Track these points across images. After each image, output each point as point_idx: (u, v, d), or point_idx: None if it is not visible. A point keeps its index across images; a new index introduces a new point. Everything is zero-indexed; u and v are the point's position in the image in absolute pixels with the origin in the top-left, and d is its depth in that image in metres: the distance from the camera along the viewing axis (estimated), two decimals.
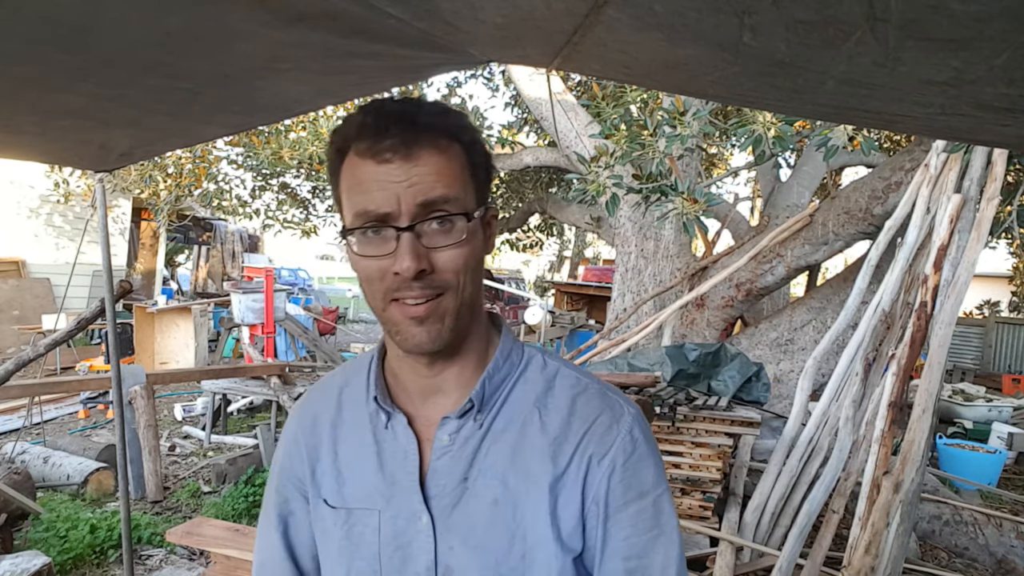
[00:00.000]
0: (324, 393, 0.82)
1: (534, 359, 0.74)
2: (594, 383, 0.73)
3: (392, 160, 0.62)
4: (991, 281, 14.52)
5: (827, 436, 3.07)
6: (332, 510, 0.74)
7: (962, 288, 2.52)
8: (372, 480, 0.73)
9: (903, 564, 2.56)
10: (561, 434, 0.69)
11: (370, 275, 0.65)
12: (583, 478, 0.67)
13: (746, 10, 0.59)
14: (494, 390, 0.71)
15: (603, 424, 0.69)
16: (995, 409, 6.78)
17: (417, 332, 0.65)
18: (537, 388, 0.72)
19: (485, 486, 0.68)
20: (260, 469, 4.36)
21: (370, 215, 0.63)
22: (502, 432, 0.69)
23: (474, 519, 0.68)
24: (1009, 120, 0.74)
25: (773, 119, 2.78)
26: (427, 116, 0.64)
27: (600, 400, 0.71)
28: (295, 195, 8.41)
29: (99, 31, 0.88)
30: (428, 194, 0.62)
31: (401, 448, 0.71)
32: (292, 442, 0.80)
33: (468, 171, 0.66)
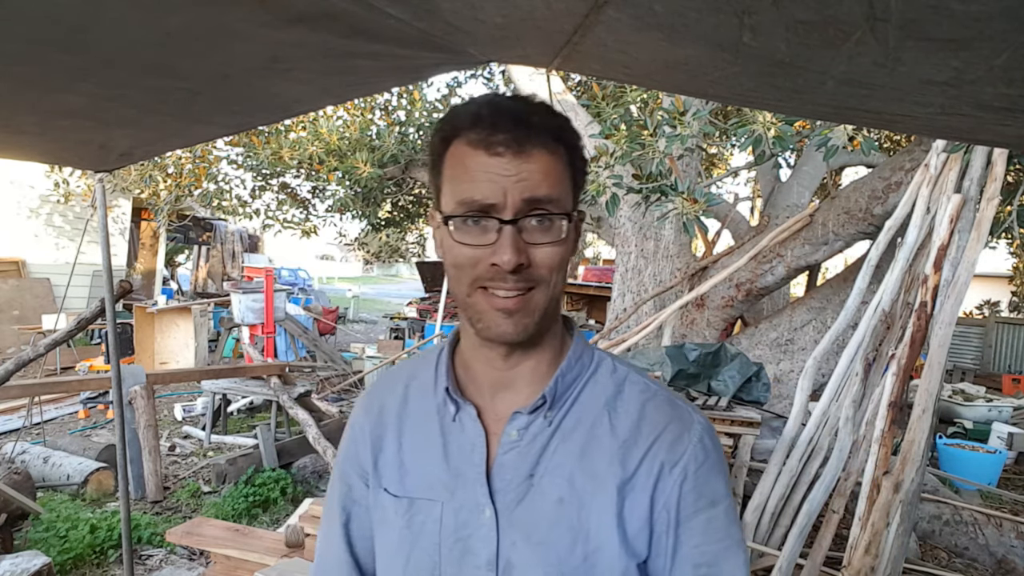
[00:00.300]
0: (391, 383, 0.83)
1: (604, 362, 0.74)
2: (662, 391, 0.74)
3: (504, 154, 0.63)
4: (991, 281, 14.52)
5: (827, 436, 3.07)
6: (394, 499, 0.75)
7: (962, 288, 2.52)
8: (436, 471, 0.73)
9: (903, 564, 2.56)
10: (631, 438, 0.69)
11: (462, 262, 0.65)
12: (653, 484, 0.67)
13: (746, 10, 0.59)
14: (565, 388, 0.71)
15: (674, 431, 0.69)
16: (995, 409, 6.78)
17: (504, 323, 0.66)
18: (607, 391, 0.72)
19: (551, 484, 0.68)
20: (260, 469, 4.36)
21: (475, 204, 0.63)
22: (571, 431, 0.70)
23: (538, 516, 0.68)
24: (1009, 120, 0.74)
25: (773, 119, 2.78)
26: (540, 117, 0.65)
27: (670, 407, 0.71)
28: (295, 195, 8.41)
29: (99, 31, 0.88)
30: (535, 191, 0.63)
31: (468, 440, 0.72)
32: (358, 430, 0.81)
33: (569, 174, 0.67)
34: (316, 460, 4.65)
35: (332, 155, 6.67)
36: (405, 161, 7.53)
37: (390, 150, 6.85)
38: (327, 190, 7.86)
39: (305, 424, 4.78)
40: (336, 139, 6.64)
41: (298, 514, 3.33)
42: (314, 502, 3.40)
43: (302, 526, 2.93)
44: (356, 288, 19.98)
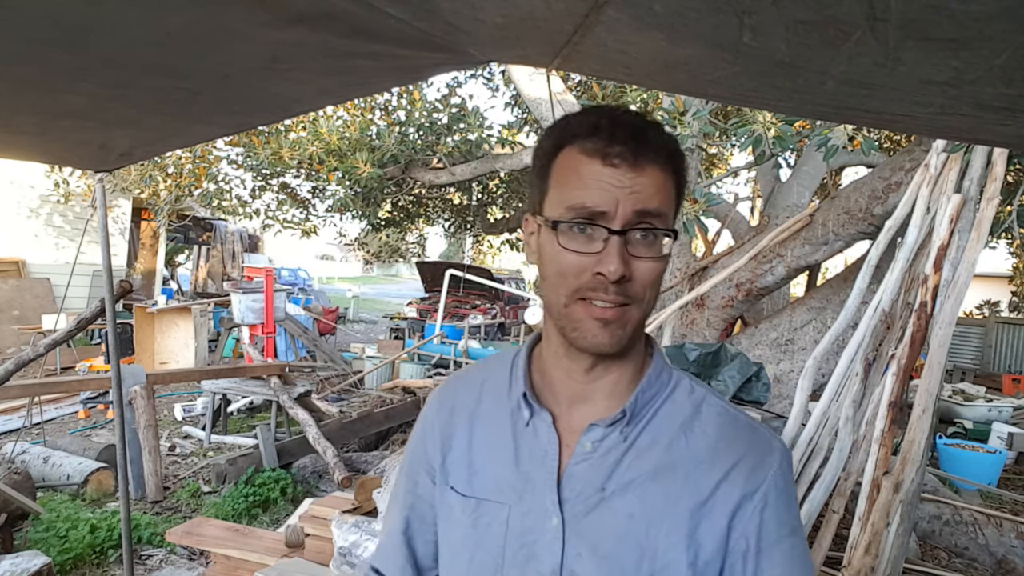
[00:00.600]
0: (465, 383, 0.83)
1: (682, 382, 0.74)
2: (741, 414, 0.73)
3: (619, 165, 0.63)
4: (991, 281, 14.52)
5: (827, 436, 3.07)
6: (461, 498, 0.75)
7: (962, 288, 2.52)
8: (505, 474, 0.73)
9: (903, 564, 2.56)
10: (707, 461, 0.68)
11: (565, 269, 0.65)
12: (732, 510, 0.67)
13: (746, 10, 0.59)
14: (644, 405, 0.71)
15: (755, 456, 0.69)
16: (995, 409, 6.78)
17: (599, 333, 0.66)
18: (684, 411, 0.71)
19: (622, 499, 0.68)
20: (260, 469, 4.36)
21: (585, 211, 0.64)
22: (646, 449, 0.69)
23: (606, 529, 0.68)
24: (1009, 120, 0.74)
25: (773, 119, 2.78)
26: (655, 134, 0.65)
27: (749, 432, 0.71)
28: (295, 195, 8.41)
29: (99, 31, 0.88)
30: (646, 204, 0.63)
31: (541, 447, 0.72)
32: (428, 427, 0.83)
33: (674, 194, 0.68)
34: (316, 460, 4.65)
35: (332, 155, 6.67)
36: (405, 161, 7.52)
37: (390, 150, 6.85)
38: (327, 190, 7.85)
39: (305, 424, 4.78)
40: (336, 139, 6.64)
41: (298, 514, 3.33)
42: (314, 502, 3.40)
43: (302, 526, 2.93)
44: (356, 288, 19.97)
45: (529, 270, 27.72)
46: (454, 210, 11.20)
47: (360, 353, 9.11)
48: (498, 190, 10.68)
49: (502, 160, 7.31)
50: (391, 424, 5.76)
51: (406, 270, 40.01)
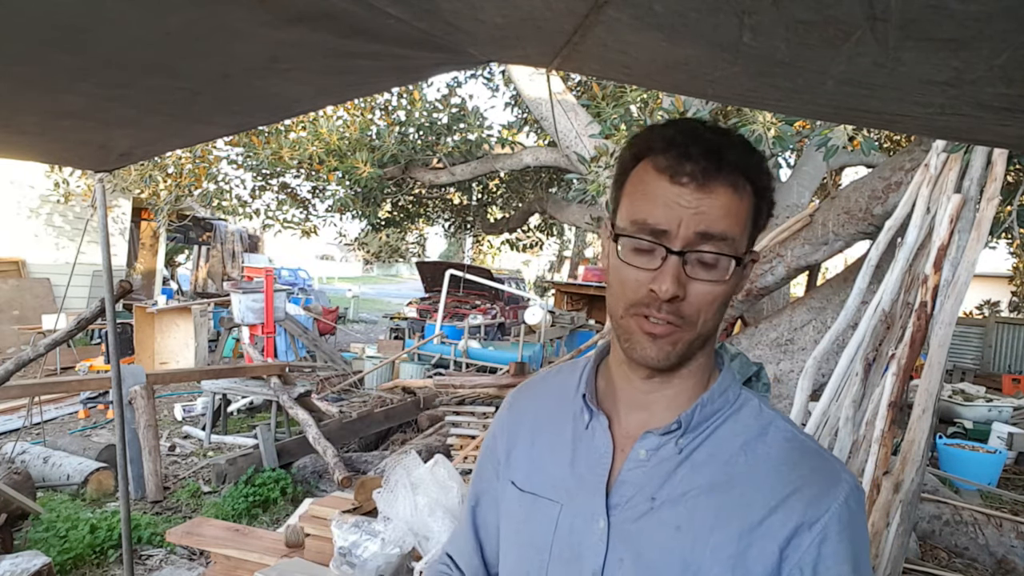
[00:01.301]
0: (540, 385, 0.87)
1: (750, 402, 0.72)
2: (811, 441, 0.70)
3: (687, 184, 0.63)
4: (991, 281, 14.53)
5: (827, 436, 3.07)
6: (519, 492, 0.77)
7: (962, 288, 2.52)
8: (561, 474, 0.74)
9: (903, 564, 2.56)
10: (766, 484, 0.66)
11: (624, 282, 0.66)
12: (787, 537, 0.64)
13: (746, 10, 0.59)
14: (704, 419, 0.70)
15: (818, 485, 0.65)
16: (995, 409, 6.78)
17: (648, 347, 0.66)
18: (749, 431, 0.70)
19: (672, 510, 0.67)
20: (260, 469, 4.36)
21: (647, 227, 0.64)
22: (702, 464, 0.68)
23: (652, 539, 0.67)
24: (1009, 120, 0.74)
25: (773, 119, 2.78)
26: (734, 153, 0.64)
27: (817, 459, 0.68)
28: (295, 195, 8.41)
29: (99, 31, 0.88)
30: (710, 226, 0.63)
31: (596, 450, 0.73)
32: (499, 424, 0.86)
33: (752, 215, 0.67)
34: (316, 460, 4.65)
35: (332, 155, 6.67)
36: (405, 161, 7.53)
37: (390, 150, 6.85)
38: (327, 190, 7.85)
39: (305, 424, 4.78)
40: (336, 139, 6.64)
41: (298, 514, 3.33)
42: (314, 502, 3.40)
43: (302, 526, 2.93)
44: (356, 288, 19.98)
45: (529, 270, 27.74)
46: (454, 210, 11.20)
47: (360, 353, 9.11)
48: (498, 190, 10.68)
49: (502, 160, 7.31)
50: (391, 424, 5.76)
51: (406, 270, 40.01)
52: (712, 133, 0.65)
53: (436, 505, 2.46)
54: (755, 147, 0.67)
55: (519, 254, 14.83)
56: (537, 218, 11.11)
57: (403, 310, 12.95)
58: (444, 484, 2.54)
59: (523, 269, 25.49)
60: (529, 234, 12.02)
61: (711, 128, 0.66)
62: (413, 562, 2.51)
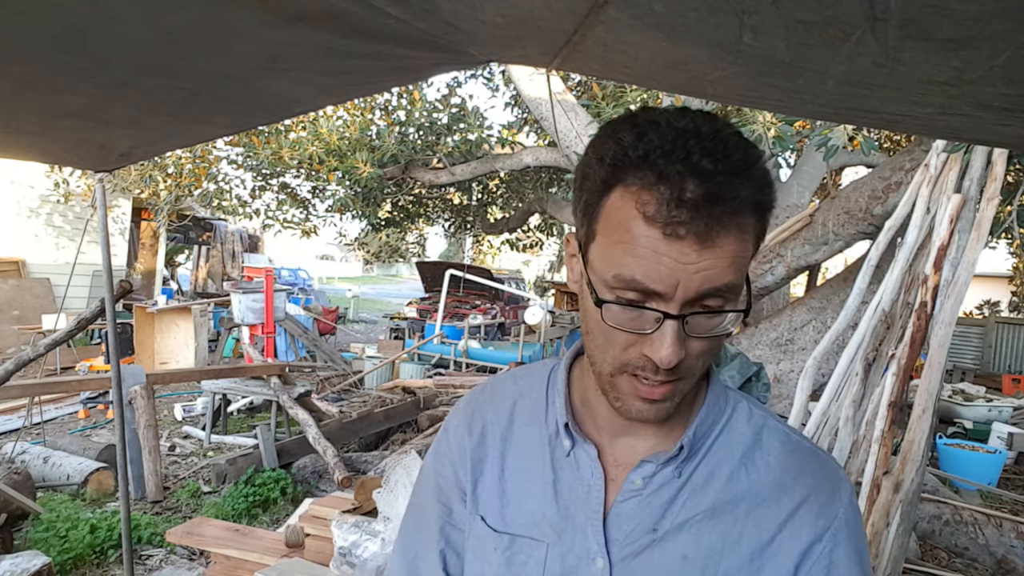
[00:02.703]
0: (495, 400, 0.75)
1: (739, 406, 0.67)
2: (804, 441, 0.66)
3: (685, 238, 0.50)
4: (991, 281, 14.54)
5: (827, 436, 3.07)
6: (493, 533, 0.68)
7: (962, 288, 2.52)
8: (542, 509, 0.67)
9: (903, 564, 2.56)
10: (772, 497, 0.62)
11: (613, 341, 0.56)
12: (801, 552, 0.60)
13: (746, 10, 0.59)
14: (701, 438, 0.64)
15: (825, 491, 0.62)
16: (995, 409, 6.78)
17: (645, 409, 0.59)
18: (744, 440, 0.64)
19: (676, 540, 0.61)
20: (260, 469, 4.36)
21: (637, 286, 0.52)
22: (703, 485, 0.63)
23: (657, 573, 0.61)
24: (1009, 120, 0.74)
25: (773, 119, 2.78)
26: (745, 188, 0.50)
27: (815, 463, 0.64)
28: (295, 195, 8.41)
29: (99, 31, 0.88)
30: (714, 282, 0.51)
31: (583, 482, 0.65)
32: (457, 450, 0.73)
33: (754, 247, 0.55)
34: (316, 460, 4.65)
35: (332, 155, 6.67)
36: (405, 161, 7.53)
37: (390, 150, 6.85)
38: (327, 190, 7.86)
39: (305, 424, 4.78)
40: (336, 139, 6.64)
41: (298, 514, 3.33)
42: (314, 502, 3.40)
43: (302, 526, 2.93)
44: (356, 288, 19.98)
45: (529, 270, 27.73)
46: (454, 210, 11.21)
47: (360, 353, 9.11)
48: (498, 190, 10.68)
49: (502, 160, 7.31)
50: (391, 424, 5.76)
51: (406, 270, 40.02)
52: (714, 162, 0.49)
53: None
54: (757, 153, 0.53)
55: (519, 254, 14.83)
56: (537, 218, 11.12)
57: (403, 310, 12.95)
58: None
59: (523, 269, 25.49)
60: (529, 234, 12.03)
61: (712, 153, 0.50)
62: None
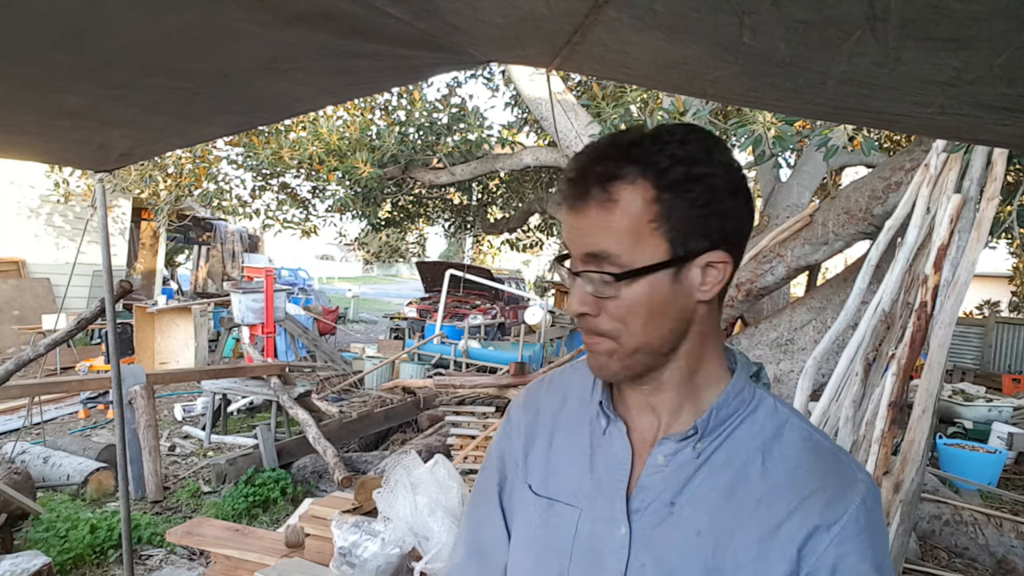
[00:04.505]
0: (552, 387, 0.85)
1: (765, 401, 0.71)
2: (825, 440, 0.69)
3: (568, 208, 0.65)
4: (991, 281, 14.53)
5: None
6: (535, 497, 0.76)
7: (962, 288, 2.52)
8: (579, 479, 0.74)
9: (903, 564, 2.56)
10: (784, 486, 0.65)
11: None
12: (803, 540, 0.63)
13: (746, 10, 0.59)
14: (720, 423, 0.69)
15: (835, 487, 0.64)
16: (995, 409, 6.78)
17: (590, 359, 0.69)
18: (765, 432, 0.68)
19: (692, 515, 0.66)
20: (260, 469, 4.36)
21: (561, 254, 0.69)
22: (720, 467, 0.67)
23: (673, 544, 0.66)
24: (1009, 120, 0.74)
25: (773, 119, 2.78)
26: (604, 163, 0.63)
27: (832, 460, 0.67)
28: (295, 195, 8.41)
29: (99, 31, 0.88)
30: (588, 248, 0.64)
31: (615, 456, 0.72)
32: (515, 427, 0.84)
33: (649, 219, 0.62)
34: (316, 460, 4.65)
35: (332, 155, 6.67)
36: (405, 161, 7.53)
37: (390, 150, 6.85)
38: (327, 190, 7.86)
39: (305, 424, 4.78)
40: (336, 139, 6.64)
41: (298, 514, 3.33)
42: (314, 502, 3.40)
43: (302, 526, 2.93)
44: (356, 288, 19.97)
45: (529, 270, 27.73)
46: (454, 210, 11.20)
47: (360, 353, 9.11)
48: (498, 190, 10.68)
49: (502, 160, 7.31)
50: (391, 424, 5.76)
51: (406, 270, 40.01)
52: (595, 147, 0.65)
53: (436, 505, 2.46)
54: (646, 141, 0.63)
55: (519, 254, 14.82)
56: (537, 218, 11.11)
57: (403, 310, 12.95)
58: (444, 484, 2.54)
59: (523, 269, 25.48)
60: (529, 234, 12.02)
61: (599, 142, 0.65)
62: (413, 562, 2.51)
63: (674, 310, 0.65)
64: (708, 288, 0.65)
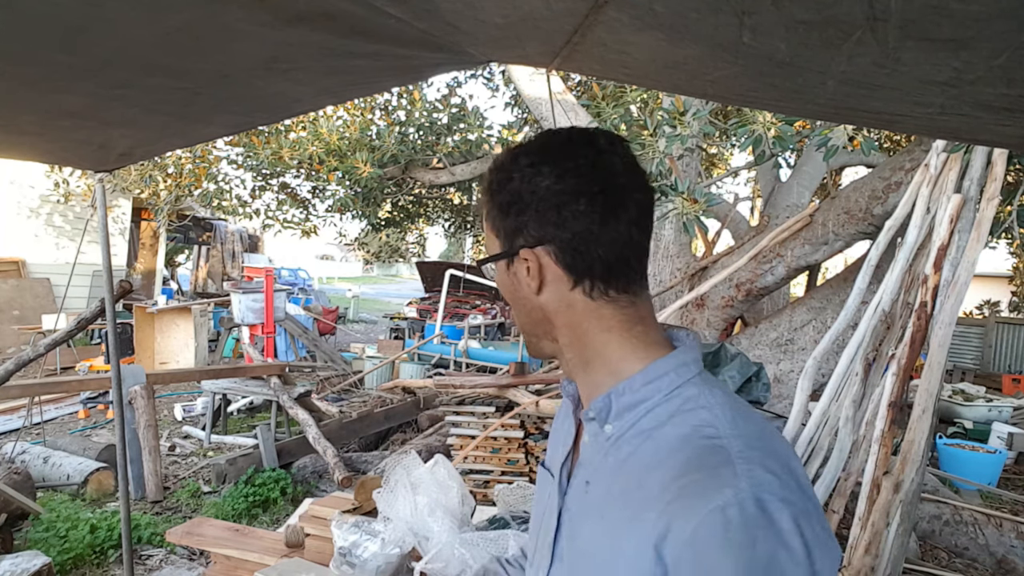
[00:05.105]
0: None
1: (687, 393, 0.67)
2: (725, 438, 0.61)
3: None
4: (991, 281, 14.53)
5: (827, 436, 3.07)
6: (541, 467, 0.86)
7: (962, 288, 2.52)
8: (559, 452, 0.80)
9: (903, 564, 2.56)
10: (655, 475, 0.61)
11: None
12: (660, 534, 0.57)
13: (746, 10, 0.59)
14: (627, 408, 0.67)
15: (699, 486, 0.57)
16: (995, 409, 6.78)
17: None
18: (661, 417, 0.66)
19: (597, 497, 0.68)
20: (260, 469, 4.36)
21: None
22: (623, 452, 0.66)
23: (583, 523, 0.68)
24: (1009, 120, 0.74)
25: (773, 119, 2.78)
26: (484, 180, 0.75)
27: (712, 456, 0.59)
28: (295, 195, 8.40)
29: (99, 31, 0.88)
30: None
31: (567, 431, 0.80)
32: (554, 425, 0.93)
33: (489, 221, 0.73)
34: (316, 460, 4.65)
35: (332, 155, 6.67)
36: (405, 161, 7.53)
37: (390, 150, 6.85)
38: (327, 190, 7.85)
39: (305, 424, 4.78)
40: (336, 139, 6.64)
41: (298, 514, 3.33)
42: (314, 502, 3.40)
43: (302, 526, 2.93)
44: (356, 288, 19.98)
45: None
46: (454, 210, 11.20)
47: (360, 353, 9.11)
48: None
49: None
50: (391, 424, 5.76)
51: (406, 270, 40.01)
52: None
53: (436, 505, 2.46)
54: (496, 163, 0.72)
55: None
56: None
57: (403, 310, 12.95)
58: (444, 484, 2.54)
59: None
60: None
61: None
62: (413, 562, 2.51)
63: (520, 299, 0.73)
64: (531, 282, 0.70)
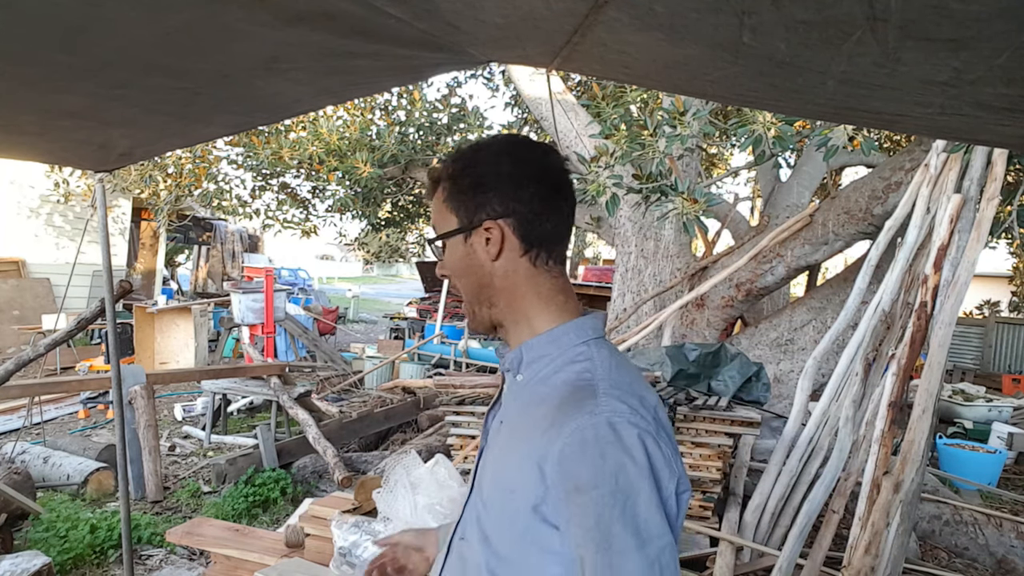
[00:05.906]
0: None
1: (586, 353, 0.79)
2: (601, 381, 0.75)
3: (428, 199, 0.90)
4: (991, 281, 14.53)
5: (827, 436, 3.07)
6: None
7: (962, 288, 2.52)
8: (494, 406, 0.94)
9: (903, 564, 2.56)
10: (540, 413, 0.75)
11: None
12: (540, 455, 0.71)
13: (746, 10, 0.59)
14: (533, 360, 0.81)
15: (567, 414, 0.71)
16: (995, 409, 6.78)
17: None
18: (557, 367, 0.79)
19: (505, 435, 0.82)
20: (260, 469, 4.36)
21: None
22: (527, 397, 0.80)
23: (491, 457, 0.83)
24: (1009, 120, 0.74)
25: (773, 119, 2.78)
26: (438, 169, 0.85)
27: (582, 391, 0.74)
28: (295, 195, 8.40)
29: (99, 31, 0.88)
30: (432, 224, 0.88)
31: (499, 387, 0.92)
32: None
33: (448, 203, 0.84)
34: (316, 460, 4.65)
35: (332, 155, 6.67)
36: (405, 161, 7.53)
37: (390, 150, 6.85)
38: (327, 190, 7.86)
39: (305, 424, 4.78)
40: (336, 139, 6.64)
41: (298, 514, 3.33)
42: (314, 502, 3.40)
43: (302, 526, 2.93)
44: (356, 288, 19.98)
45: None
46: None
47: (360, 353, 9.11)
48: None
49: None
50: (391, 424, 5.76)
51: (406, 270, 40.01)
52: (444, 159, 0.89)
53: (436, 505, 2.46)
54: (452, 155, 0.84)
55: None
56: None
57: (403, 310, 12.95)
58: (444, 484, 2.54)
59: None
60: None
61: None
62: None
63: (472, 267, 0.83)
64: (491, 249, 0.81)
